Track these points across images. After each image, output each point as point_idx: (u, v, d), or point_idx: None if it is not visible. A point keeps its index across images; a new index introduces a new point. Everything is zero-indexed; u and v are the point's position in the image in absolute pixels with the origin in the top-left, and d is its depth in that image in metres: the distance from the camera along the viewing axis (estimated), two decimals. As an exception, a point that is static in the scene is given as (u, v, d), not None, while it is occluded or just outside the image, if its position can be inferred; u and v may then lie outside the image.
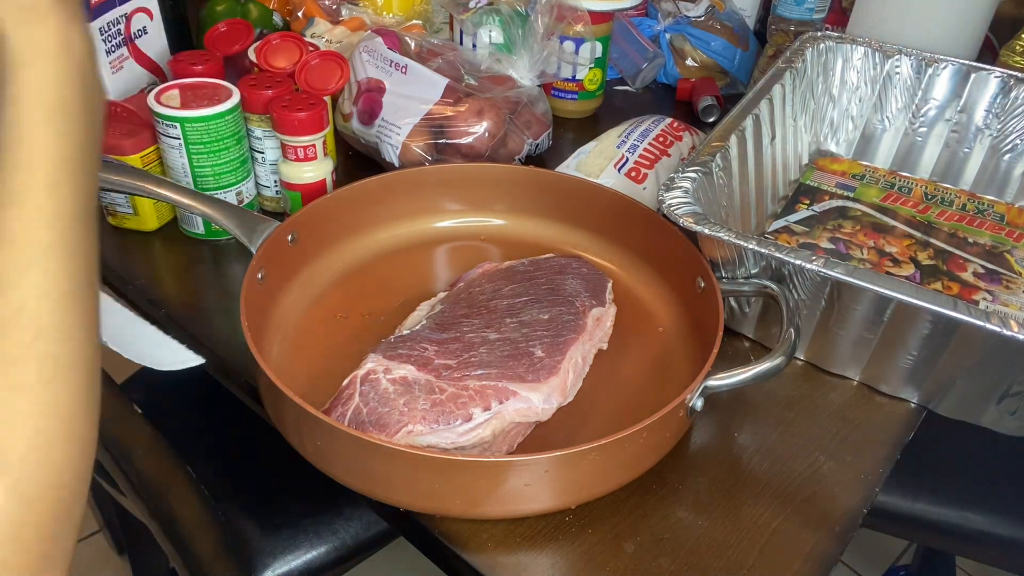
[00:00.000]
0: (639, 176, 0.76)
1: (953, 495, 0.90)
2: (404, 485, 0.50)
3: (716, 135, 0.70)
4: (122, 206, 0.73)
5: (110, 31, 0.75)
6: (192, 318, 0.66)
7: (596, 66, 0.92)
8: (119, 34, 0.76)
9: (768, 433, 0.59)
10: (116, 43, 0.76)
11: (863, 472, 0.57)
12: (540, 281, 0.64)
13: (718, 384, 0.53)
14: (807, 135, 0.85)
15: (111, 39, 0.76)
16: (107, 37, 0.75)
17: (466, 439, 0.51)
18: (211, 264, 0.73)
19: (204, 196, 0.66)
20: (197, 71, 0.73)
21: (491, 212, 0.75)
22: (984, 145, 0.82)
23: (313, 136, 0.70)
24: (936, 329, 0.56)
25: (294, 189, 0.72)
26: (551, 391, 0.55)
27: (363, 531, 0.86)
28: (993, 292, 0.69)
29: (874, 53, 0.84)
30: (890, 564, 1.43)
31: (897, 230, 0.76)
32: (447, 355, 0.56)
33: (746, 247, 0.59)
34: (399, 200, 0.73)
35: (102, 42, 0.75)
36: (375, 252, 0.72)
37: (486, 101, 0.77)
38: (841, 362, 0.63)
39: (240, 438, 0.93)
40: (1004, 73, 0.80)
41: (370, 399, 0.52)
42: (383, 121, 0.77)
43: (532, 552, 0.50)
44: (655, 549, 0.51)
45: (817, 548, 0.51)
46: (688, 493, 0.54)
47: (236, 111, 0.70)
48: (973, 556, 1.08)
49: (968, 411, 0.61)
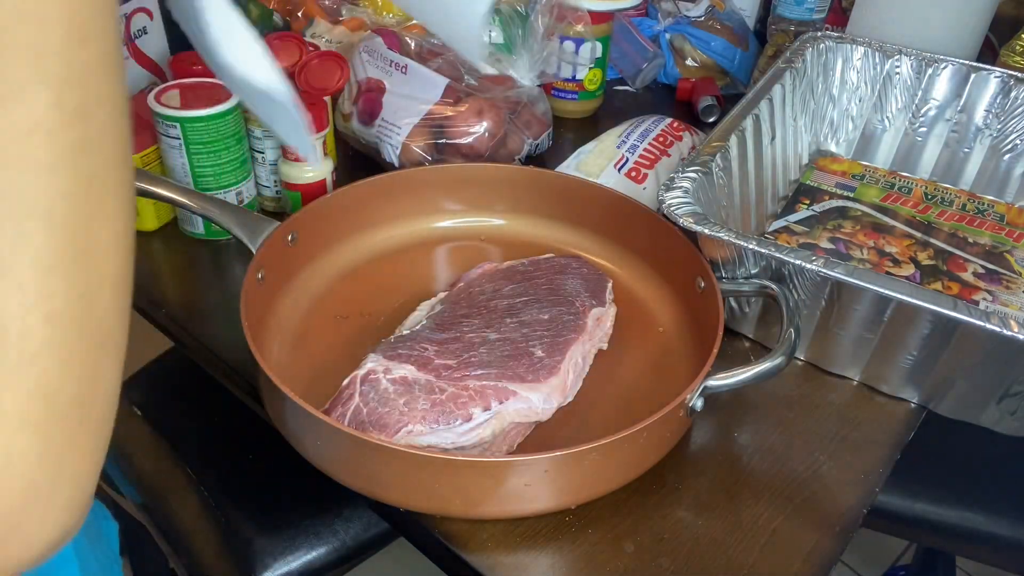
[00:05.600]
0: (639, 176, 0.76)
1: (953, 495, 0.90)
2: (404, 485, 0.50)
3: (716, 135, 0.70)
4: (122, 206, 0.73)
5: (110, 31, 0.75)
6: (192, 318, 0.66)
7: (596, 66, 0.92)
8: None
9: (768, 433, 0.59)
10: (116, 43, 0.76)
11: (863, 472, 0.56)
12: (540, 281, 0.64)
13: (718, 384, 0.53)
14: (807, 135, 0.85)
15: (111, 39, 0.75)
16: (107, 37, 0.75)
17: (466, 439, 0.51)
18: (211, 264, 0.73)
19: (204, 196, 0.66)
20: (197, 71, 0.73)
21: (491, 212, 0.75)
22: (984, 145, 0.82)
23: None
24: (936, 329, 0.56)
25: (294, 189, 0.72)
26: (551, 391, 0.55)
27: (363, 531, 0.86)
28: (993, 292, 0.69)
29: (874, 53, 0.84)
30: (890, 564, 1.43)
31: (897, 230, 0.76)
32: (447, 355, 0.56)
33: (746, 247, 0.59)
34: (399, 200, 0.73)
35: (102, 42, 0.75)
36: (375, 252, 0.72)
37: (486, 101, 0.77)
38: (841, 362, 0.63)
39: (240, 439, 0.93)
40: (1004, 73, 0.80)
41: (370, 399, 0.52)
42: (383, 121, 0.77)
43: (532, 552, 0.50)
44: (655, 549, 0.51)
45: (817, 548, 0.51)
46: (688, 493, 0.54)
47: (236, 111, 0.70)
48: (973, 556, 1.08)
49: (968, 411, 0.61)
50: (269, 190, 0.76)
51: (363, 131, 0.79)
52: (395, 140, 0.76)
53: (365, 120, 0.79)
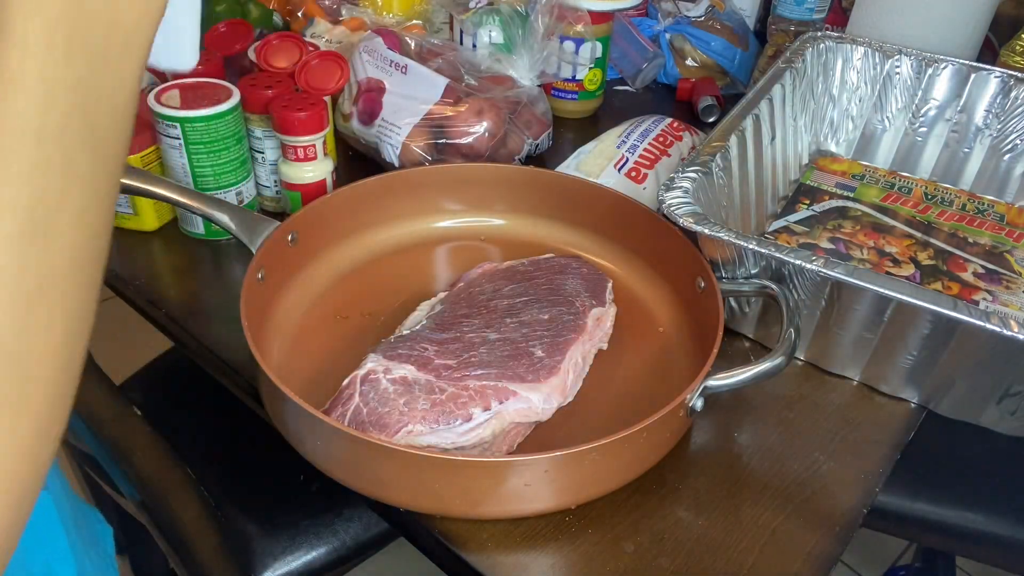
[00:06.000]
0: (639, 176, 0.76)
1: (953, 495, 0.90)
2: (404, 485, 0.50)
3: (716, 135, 0.70)
4: (122, 206, 0.73)
5: (110, 31, 0.75)
6: (192, 318, 0.66)
7: (596, 66, 0.92)
8: (119, 34, 0.76)
9: (768, 433, 0.59)
10: (116, 43, 0.76)
11: (863, 472, 0.56)
12: (540, 281, 0.64)
13: (718, 384, 0.53)
14: (807, 135, 0.85)
15: (111, 39, 0.75)
16: (107, 37, 0.75)
17: (466, 439, 0.51)
18: (211, 264, 0.73)
19: (204, 196, 0.66)
20: (197, 71, 0.73)
21: (491, 212, 0.75)
22: (984, 145, 0.82)
23: (313, 136, 0.70)
24: (936, 329, 0.56)
25: (294, 189, 0.72)
26: (551, 391, 0.55)
27: (363, 531, 0.86)
28: (993, 292, 0.69)
29: (874, 53, 0.84)
30: (890, 564, 1.43)
31: (897, 230, 0.76)
32: (447, 355, 0.56)
33: (746, 247, 0.59)
34: (399, 200, 0.73)
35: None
36: (375, 252, 0.72)
37: (486, 101, 0.77)
38: (841, 362, 0.63)
39: (240, 438, 0.93)
40: (1004, 73, 0.80)
41: (370, 399, 0.52)
42: (383, 121, 0.77)
43: (532, 552, 0.50)
44: (655, 549, 0.51)
45: (817, 548, 0.51)
46: (688, 493, 0.54)
47: (236, 111, 0.70)
48: (973, 556, 1.08)
49: (968, 411, 0.61)
50: (269, 190, 0.76)
51: (363, 131, 0.79)
52: (395, 140, 0.76)
53: (365, 120, 0.79)
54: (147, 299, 0.68)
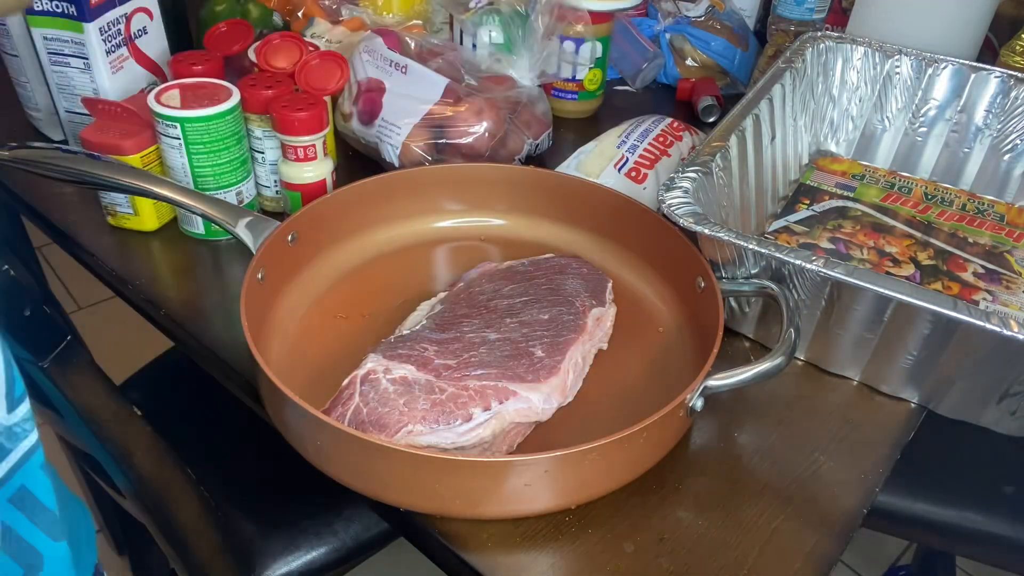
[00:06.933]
0: (639, 176, 0.76)
1: (953, 495, 0.90)
2: (404, 485, 0.50)
3: (716, 135, 0.70)
4: (122, 206, 0.73)
5: (110, 31, 0.75)
6: (192, 318, 0.66)
7: (596, 66, 0.92)
8: (119, 34, 0.76)
9: (768, 433, 0.59)
10: (116, 43, 0.76)
11: (863, 472, 0.56)
12: (540, 281, 0.64)
13: (718, 384, 0.53)
14: (807, 135, 0.85)
15: (111, 39, 0.75)
16: (107, 37, 0.75)
17: (466, 439, 0.51)
18: (211, 264, 0.73)
19: (204, 196, 0.66)
20: (197, 71, 0.73)
21: (491, 212, 0.75)
22: (984, 145, 0.82)
23: (313, 136, 0.70)
24: (936, 329, 0.56)
25: (294, 189, 0.72)
26: (551, 391, 0.55)
27: (363, 531, 0.86)
28: (993, 292, 0.69)
29: (874, 53, 0.84)
30: (890, 564, 1.43)
31: (897, 230, 0.76)
32: (447, 355, 0.56)
33: (746, 247, 0.59)
34: (399, 200, 0.73)
35: (102, 42, 0.75)
36: (375, 252, 0.72)
37: (486, 101, 0.77)
38: (841, 362, 0.63)
39: (240, 439, 0.93)
40: (1004, 73, 0.80)
41: (370, 399, 0.52)
42: (383, 121, 0.77)
43: (532, 552, 0.50)
44: (655, 549, 0.51)
45: (817, 548, 0.51)
46: (688, 493, 0.54)
47: (236, 111, 0.70)
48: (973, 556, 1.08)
49: (968, 411, 0.61)
50: (269, 190, 0.76)
51: (363, 131, 0.79)
52: (395, 140, 0.77)
53: (365, 120, 0.79)
54: (147, 299, 0.68)
